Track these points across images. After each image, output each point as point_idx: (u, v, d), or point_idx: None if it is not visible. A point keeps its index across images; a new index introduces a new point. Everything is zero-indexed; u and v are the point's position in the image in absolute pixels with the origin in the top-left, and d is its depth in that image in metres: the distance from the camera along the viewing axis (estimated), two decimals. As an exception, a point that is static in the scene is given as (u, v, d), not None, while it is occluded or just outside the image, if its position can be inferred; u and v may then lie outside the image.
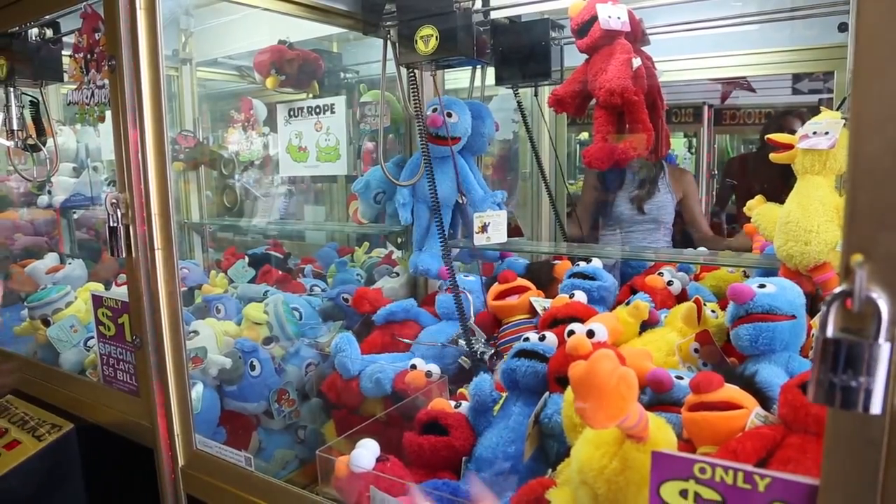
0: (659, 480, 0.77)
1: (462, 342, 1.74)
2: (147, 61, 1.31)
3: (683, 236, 3.08)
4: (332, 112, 2.44)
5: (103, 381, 1.71)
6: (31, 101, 2.27)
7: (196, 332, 1.75)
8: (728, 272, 1.94)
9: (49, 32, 2.11)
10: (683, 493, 0.76)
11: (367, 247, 2.75)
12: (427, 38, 1.75)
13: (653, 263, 1.95)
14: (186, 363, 1.47)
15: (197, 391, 1.60)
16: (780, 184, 3.35)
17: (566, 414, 1.06)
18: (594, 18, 1.71)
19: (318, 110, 2.48)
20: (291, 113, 2.56)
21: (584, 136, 4.19)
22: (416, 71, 1.89)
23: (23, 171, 2.76)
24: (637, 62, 1.69)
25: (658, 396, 1.19)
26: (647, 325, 1.52)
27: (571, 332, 1.27)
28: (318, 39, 2.70)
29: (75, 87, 1.56)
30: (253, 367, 1.72)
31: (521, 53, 2.13)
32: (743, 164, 3.60)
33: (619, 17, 1.72)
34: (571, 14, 1.77)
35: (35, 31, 2.07)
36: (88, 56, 1.48)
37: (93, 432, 1.80)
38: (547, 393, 1.23)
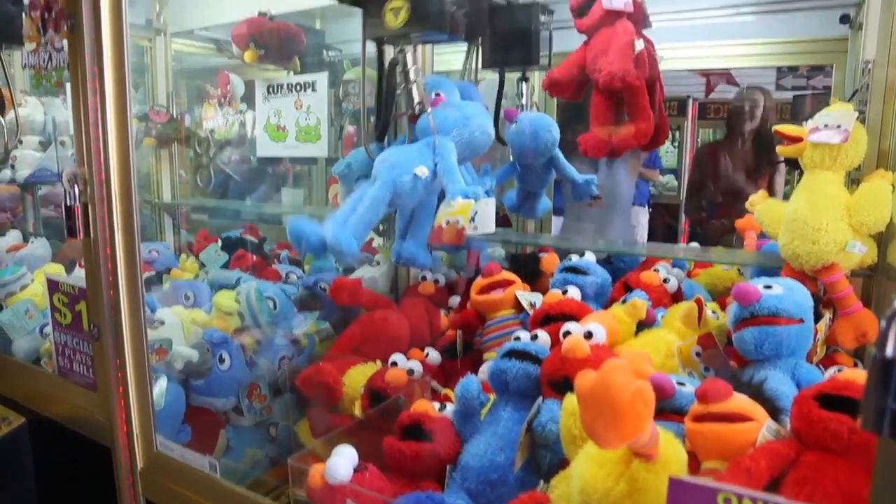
0: (676, 511, 0.68)
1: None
2: (109, 20, 1.17)
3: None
4: (314, 90, 2.32)
5: (58, 372, 1.59)
6: (-13, 67, 2.11)
7: (161, 322, 1.62)
8: (723, 269, 1.86)
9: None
10: (704, 526, 0.67)
11: (347, 233, 2.63)
12: (397, 11, 1.59)
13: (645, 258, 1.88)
14: (148, 357, 1.35)
15: (160, 386, 1.49)
16: (751, 170, 3.30)
17: (565, 425, 0.97)
18: (595, -2, 1.62)
19: (298, 88, 2.36)
20: (270, 90, 2.44)
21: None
22: (405, 47, 1.76)
23: (-20, 142, 2.59)
24: (640, 45, 1.60)
25: (658, 404, 1.11)
26: (643, 325, 1.43)
27: (567, 333, 1.18)
28: (300, 13, 2.56)
29: (32, 49, 1.43)
30: (222, 360, 1.61)
31: (509, 37, 2.04)
32: (714, 151, 3.56)
33: (621, -2, 1.63)
34: (571, -8, 1.67)
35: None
36: (46, 15, 1.34)
37: (47, 427, 1.67)
38: (540, 398, 1.13)
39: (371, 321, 1.76)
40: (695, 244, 2.09)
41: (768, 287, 1.25)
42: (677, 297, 1.64)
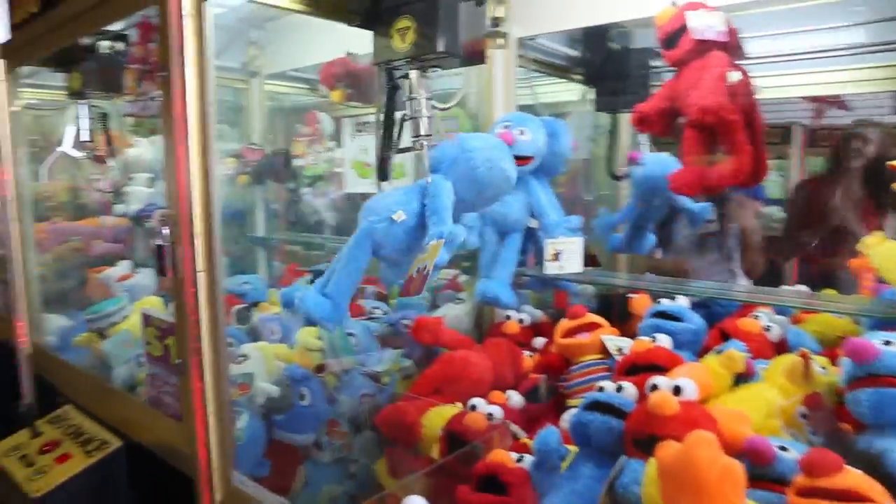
0: None
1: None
2: (193, 70, 1.23)
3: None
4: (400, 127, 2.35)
5: (150, 402, 1.65)
6: (100, 114, 2.28)
7: (245, 357, 1.66)
8: (836, 316, 1.70)
9: (120, 45, 2.10)
10: None
11: (433, 267, 2.63)
12: (404, 32, 1.45)
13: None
14: (228, 393, 1.38)
15: (242, 420, 1.51)
16: (859, 207, 3.01)
17: (648, 492, 0.89)
18: (685, 27, 1.54)
19: (385, 125, 2.38)
20: (358, 127, 2.49)
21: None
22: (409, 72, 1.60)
23: (96, 180, 2.80)
24: (734, 76, 1.50)
25: (757, 470, 1.00)
26: (740, 378, 1.32)
27: (654, 387, 1.09)
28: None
29: (131, 99, 1.52)
30: (302, 397, 1.62)
31: (621, 81, 2.08)
32: (816, 186, 3.29)
33: (713, 26, 1.54)
34: (659, 22, 1.60)
35: (106, 43, 2.06)
36: (143, 67, 1.43)
37: (139, 453, 1.74)
38: (623, 457, 1.05)
39: (452, 361, 1.72)
40: (803, 287, 1.92)
41: (888, 343, 1.12)
42: (781, 347, 1.51)
